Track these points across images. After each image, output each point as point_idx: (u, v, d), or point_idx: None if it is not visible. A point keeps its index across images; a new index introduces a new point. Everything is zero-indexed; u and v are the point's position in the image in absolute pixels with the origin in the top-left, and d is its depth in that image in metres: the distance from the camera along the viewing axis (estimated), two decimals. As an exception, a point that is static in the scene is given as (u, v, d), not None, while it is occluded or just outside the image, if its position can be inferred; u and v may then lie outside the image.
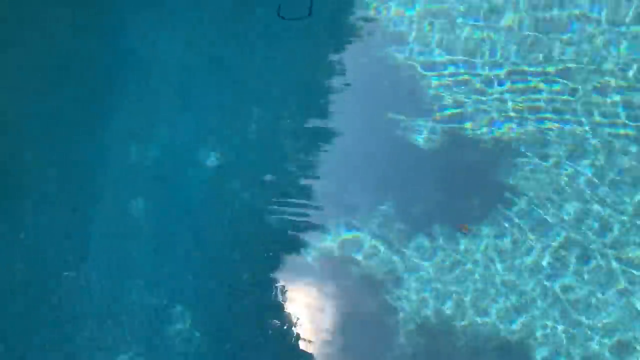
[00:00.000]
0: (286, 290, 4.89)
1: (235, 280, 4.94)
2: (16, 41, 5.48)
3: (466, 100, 5.48)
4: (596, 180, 5.03)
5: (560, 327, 4.52)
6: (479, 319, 4.63)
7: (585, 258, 4.76)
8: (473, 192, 5.13)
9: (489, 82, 5.50)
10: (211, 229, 5.10)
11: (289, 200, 5.21)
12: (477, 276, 4.78)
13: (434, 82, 5.58)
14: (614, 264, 4.69)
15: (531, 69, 5.49)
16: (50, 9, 5.65)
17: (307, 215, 5.14)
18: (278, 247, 5.04)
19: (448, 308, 4.68)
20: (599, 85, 5.42)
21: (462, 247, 4.87)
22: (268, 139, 5.44)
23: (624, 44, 5.39)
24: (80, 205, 5.16)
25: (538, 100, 5.39)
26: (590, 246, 4.77)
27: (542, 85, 5.44)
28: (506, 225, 4.95)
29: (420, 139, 5.36)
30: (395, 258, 4.89)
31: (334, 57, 5.74)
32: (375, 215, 5.08)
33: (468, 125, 5.38)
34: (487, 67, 5.57)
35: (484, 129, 5.32)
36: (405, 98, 5.53)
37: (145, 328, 4.69)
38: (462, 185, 5.17)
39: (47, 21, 5.60)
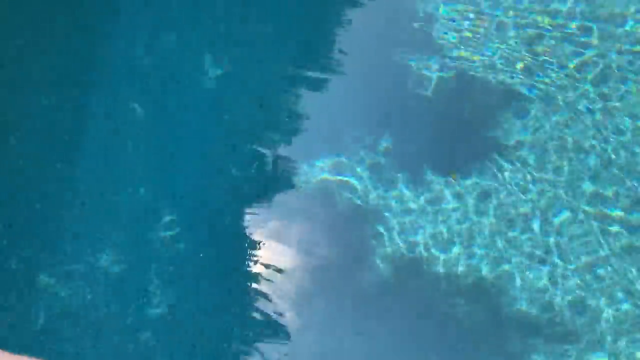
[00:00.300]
0: (271, 207, 4.88)
1: (224, 191, 4.93)
2: None
3: (478, 44, 5.33)
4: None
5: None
6: (459, 259, 4.63)
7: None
8: (472, 138, 5.01)
9: (504, 26, 5.34)
10: (206, 138, 5.08)
11: (285, 122, 5.16)
12: (460, 219, 4.75)
13: (447, 23, 5.42)
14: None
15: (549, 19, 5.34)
16: None
17: (300, 139, 5.09)
18: (268, 164, 5.01)
19: (428, 245, 4.68)
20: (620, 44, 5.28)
21: (452, 190, 4.83)
22: (270, 63, 5.35)
23: None
24: (78, 101, 5.11)
25: (555, 47, 5.24)
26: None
27: (558, 34, 5.28)
28: (500, 174, 4.88)
29: (426, 81, 5.24)
30: (383, 194, 4.85)
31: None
32: (369, 150, 5.01)
33: (478, 71, 5.25)
34: (503, 9, 5.40)
35: (493, 74, 5.19)
36: (415, 37, 5.38)
37: (132, 228, 4.69)
38: (462, 131, 5.03)
39: None
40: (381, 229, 4.72)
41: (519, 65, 5.19)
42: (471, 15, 5.39)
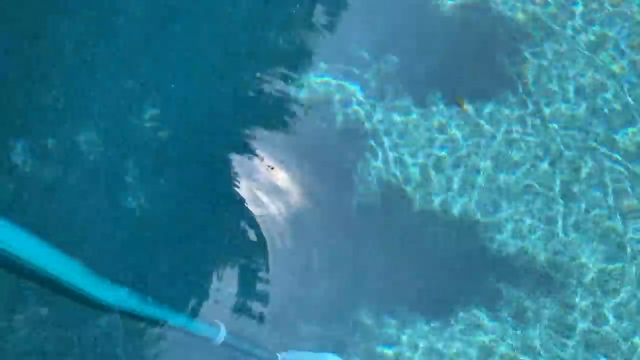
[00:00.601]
0: (264, 114, 4.63)
1: (219, 85, 4.70)
2: None
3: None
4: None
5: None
6: (449, 194, 4.53)
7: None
8: (485, 65, 4.84)
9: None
10: (203, 33, 4.79)
11: (291, 25, 4.87)
12: (461, 149, 4.63)
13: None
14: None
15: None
16: None
17: (304, 46, 4.81)
18: (267, 67, 4.72)
19: (417, 174, 4.56)
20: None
21: (457, 117, 4.69)
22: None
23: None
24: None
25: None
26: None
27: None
28: (511, 107, 4.74)
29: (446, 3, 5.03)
30: (384, 113, 4.70)
31: None
32: (374, 68, 4.78)
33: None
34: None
35: (520, 5, 5.01)
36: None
37: (115, 113, 4.44)
38: (477, 58, 4.84)
39: None
40: (377, 149, 4.58)
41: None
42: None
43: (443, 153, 4.60)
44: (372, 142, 4.60)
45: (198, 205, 4.33)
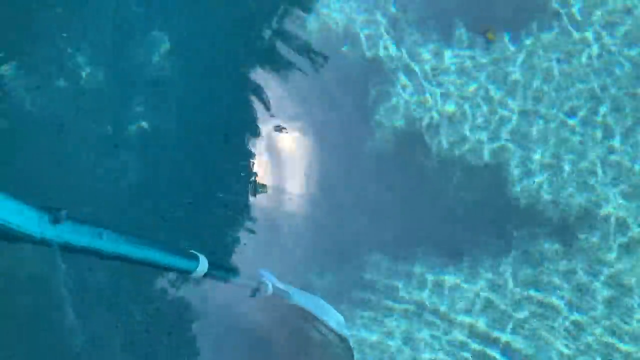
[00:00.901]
0: (274, 47, 4.37)
1: (224, 21, 4.41)
2: None
3: None
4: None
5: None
6: (466, 138, 4.24)
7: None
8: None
9: None
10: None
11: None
12: (486, 88, 4.30)
13: None
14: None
15: None
16: None
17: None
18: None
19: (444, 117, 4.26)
20: None
21: (486, 53, 4.34)
22: None
23: None
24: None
25: None
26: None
27: None
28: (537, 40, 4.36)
29: None
30: (402, 53, 4.37)
31: None
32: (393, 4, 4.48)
33: None
34: None
35: None
36: None
37: (116, 38, 4.21)
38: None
39: None
40: (395, 88, 4.31)
41: None
42: None
43: (471, 89, 4.31)
44: (395, 78, 4.33)
45: (208, 139, 4.16)
